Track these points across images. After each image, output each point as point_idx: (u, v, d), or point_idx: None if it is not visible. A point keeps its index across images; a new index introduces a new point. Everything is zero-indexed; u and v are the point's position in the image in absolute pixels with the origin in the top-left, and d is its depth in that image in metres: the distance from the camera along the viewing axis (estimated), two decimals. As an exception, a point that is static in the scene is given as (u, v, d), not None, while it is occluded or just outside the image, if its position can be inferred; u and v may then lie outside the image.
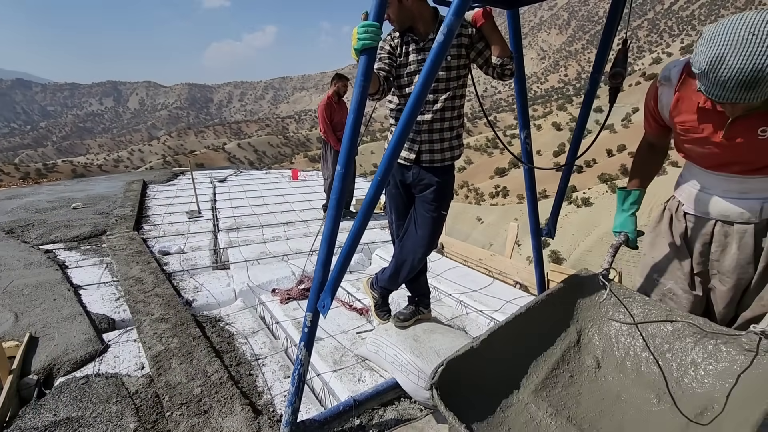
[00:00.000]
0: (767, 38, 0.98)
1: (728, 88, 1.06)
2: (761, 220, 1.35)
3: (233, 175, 9.57)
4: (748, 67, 1.00)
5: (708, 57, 1.05)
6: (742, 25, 1.01)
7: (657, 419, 1.18)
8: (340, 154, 1.58)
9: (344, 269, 1.55)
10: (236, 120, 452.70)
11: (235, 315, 3.03)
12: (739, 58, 1.01)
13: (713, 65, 1.05)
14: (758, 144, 1.22)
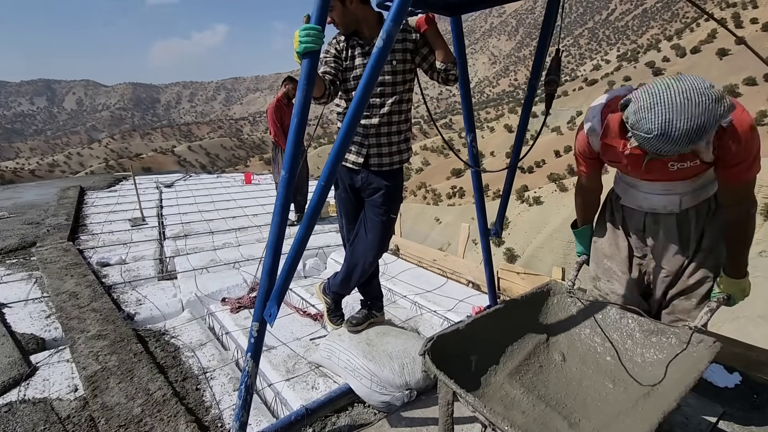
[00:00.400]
0: (698, 101, 1.18)
1: (680, 144, 1.23)
2: (681, 210, 1.62)
3: (182, 180, 9.15)
4: (693, 126, 1.19)
5: (658, 124, 1.21)
6: (675, 94, 1.20)
7: (612, 398, 1.40)
8: (285, 159, 1.55)
9: (290, 277, 1.52)
10: (186, 122, 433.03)
11: (182, 327, 2.88)
12: (684, 120, 1.18)
13: (665, 129, 1.21)
14: (670, 173, 1.52)
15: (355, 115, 1.35)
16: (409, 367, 2.04)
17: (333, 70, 1.88)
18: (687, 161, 1.45)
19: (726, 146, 1.34)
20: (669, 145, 1.24)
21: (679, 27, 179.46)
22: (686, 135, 1.19)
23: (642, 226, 1.72)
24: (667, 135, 1.21)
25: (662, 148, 1.26)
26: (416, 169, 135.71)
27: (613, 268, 1.82)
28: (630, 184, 1.71)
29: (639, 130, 1.26)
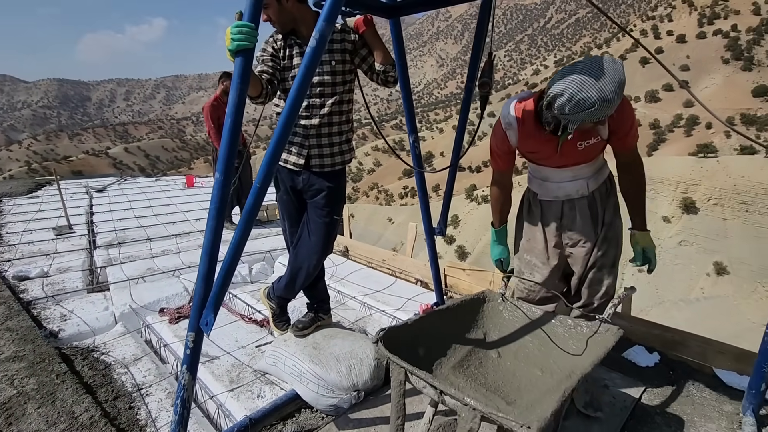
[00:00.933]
0: (612, 68, 1.41)
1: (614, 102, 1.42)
2: (590, 192, 1.89)
3: (116, 184, 8.53)
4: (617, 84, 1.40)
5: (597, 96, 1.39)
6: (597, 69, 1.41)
7: (541, 383, 1.59)
8: (219, 160, 1.48)
9: (227, 283, 1.46)
10: (122, 121, 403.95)
11: (114, 342, 2.68)
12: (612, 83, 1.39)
13: (604, 96, 1.39)
14: (579, 152, 1.75)
15: (290, 115, 1.32)
16: (356, 368, 2.04)
17: (270, 69, 1.83)
18: (591, 138, 1.69)
19: (618, 119, 1.62)
20: (608, 107, 1.43)
21: (608, 36, 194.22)
22: (617, 92, 1.40)
23: (560, 214, 1.94)
24: (605, 100, 1.40)
25: (602, 113, 1.44)
26: (368, 169, 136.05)
27: (533, 261, 2.02)
28: (543, 178, 1.93)
29: (580, 108, 1.43)
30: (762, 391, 1.77)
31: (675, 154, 69.89)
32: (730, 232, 48.21)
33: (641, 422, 1.89)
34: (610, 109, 1.44)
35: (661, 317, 32.77)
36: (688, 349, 2.32)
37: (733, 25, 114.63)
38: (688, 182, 53.06)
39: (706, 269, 46.07)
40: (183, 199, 7.11)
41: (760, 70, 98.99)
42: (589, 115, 1.44)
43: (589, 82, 1.39)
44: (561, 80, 1.45)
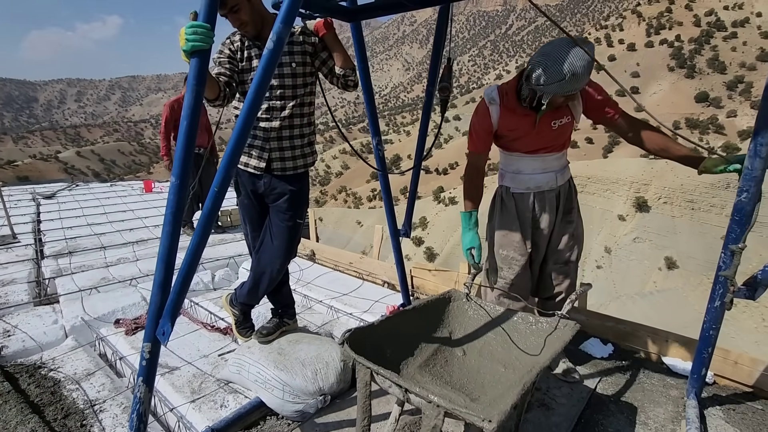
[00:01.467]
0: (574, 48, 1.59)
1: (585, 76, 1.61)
2: (557, 186, 2.03)
3: (66, 190, 8.06)
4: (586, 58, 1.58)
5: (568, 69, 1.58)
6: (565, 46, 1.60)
7: (504, 378, 1.64)
8: (174, 164, 1.44)
9: (184, 291, 1.42)
10: (74, 124, 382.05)
11: (64, 357, 2.53)
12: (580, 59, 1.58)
13: (574, 69, 1.58)
14: (553, 132, 1.89)
15: (249, 118, 1.30)
16: (322, 372, 2.02)
17: (228, 71, 1.80)
18: (563, 117, 1.86)
19: (589, 93, 1.84)
20: (576, 81, 1.60)
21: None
22: (586, 68, 1.58)
23: (532, 207, 2.05)
24: (574, 73, 1.58)
25: (571, 86, 1.62)
26: (336, 172, 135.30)
27: (511, 254, 2.10)
28: (516, 171, 2.05)
29: (553, 80, 1.61)
30: (703, 375, 1.90)
31: (628, 155, 73.76)
32: (678, 228, 51.42)
33: (597, 411, 1.98)
34: (579, 83, 1.61)
35: (618, 311, 34.45)
36: (639, 339, 2.46)
37: (677, 36, 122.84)
38: (641, 182, 56.20)
39: (658, 264, 48.87)
40: (141, 205, 6.81)
41: (701, 78, 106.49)
42: (561, 86, 1.61)
43: (562, 57, 1.57)
44: (539, 56, 1.64)
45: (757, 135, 1.43)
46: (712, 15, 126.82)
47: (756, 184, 1.48)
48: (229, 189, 1.78)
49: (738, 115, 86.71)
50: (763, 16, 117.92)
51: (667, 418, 1.94)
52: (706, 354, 1.83)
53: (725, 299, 1.66)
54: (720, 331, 1.83)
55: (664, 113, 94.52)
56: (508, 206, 2.10)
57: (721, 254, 1.66)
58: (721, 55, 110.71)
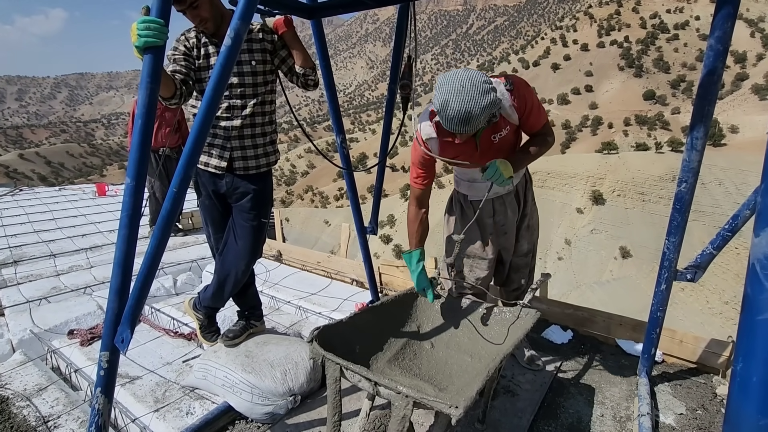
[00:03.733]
0: (469, 90, 1.44)
1: (453, 123, 1.49)
2: (515, 186, 2.04)
3: (8, 195, 7.51)
4: (463, 109, 1.45)
5: (439, 100, 1.48)
6: (456, 79, 1.46)
7: (471, 368, 1.70)
8: (129, 164, 1.39)
9: (143, 296, 1.37)
10: (15, 124, 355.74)
11: (12, 373, 2.37)
12: (457, 103, 1.45)
13: (443, 106, 1.48)
14: (495, 145, 1.81)
15: (207, 117, 1.27)
16: (292, 372, 2.01)
17: (184, 68, 1.74)
18: (501, 129, 1.76)
19: (518, 102, 1.71)
20: (447, 121, 1.50)
21: (523, 43, 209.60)
22: (458, 115, 1.46)
23: (492, 212, 2.05)
24: (444, 112, 1.48)
25: (445, 122, 1.51)
26: (302, 172, 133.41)
27: (476, 262, 2.11)
28: (471, 179, 2.01)
29: (455, 125, 1.51)
30: (652, 354, 2.04)
31: (584, 151, 77.30)
32: (631, 219, 54.48)
33: (558, 394, 2.08)
34: (481, 120, 1.49)
35: (578, 299, 36.13)
36: (596, 325, 2.60)
37: (625, 37, 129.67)
38: (596, 176, 59.05)
39: (613, 254, 51.57)
40: (94, 210, 6.45)
41: (648, 77, 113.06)
42: (466, 128, 1.50)
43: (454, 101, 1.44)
44: (436, 99, 1.50)
45: (693, 130, 1.55)
46: (656, 18, 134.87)
47: (693, 175, 1.60)
48: (190, 190, 1.73)
49: (681, 111, 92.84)
50: (701, 20, 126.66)
51: (621, 396, 2.06)
52: (654, 334, 1.97)
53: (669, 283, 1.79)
54: (668, 313, 1.97)
55: (615, 110, 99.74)
56: (468, 214, 2.07)
57: (664, 241, 1.78)
58: (665, 56, 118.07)
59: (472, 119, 1.46)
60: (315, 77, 1.90)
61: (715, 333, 2.35)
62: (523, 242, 2.15)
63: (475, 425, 1.81)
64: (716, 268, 39.13)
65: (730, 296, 39.30)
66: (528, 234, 2.15)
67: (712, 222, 46.40)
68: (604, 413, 1.95)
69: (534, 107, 1.75)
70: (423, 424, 1.87)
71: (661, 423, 1.88)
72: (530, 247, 2.19)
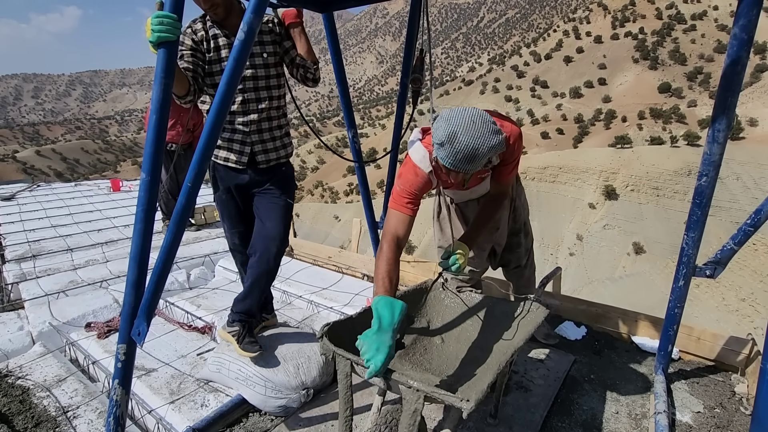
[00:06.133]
0: (481, 126, 1.35)
1: (458, 158, 1.37)
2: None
3: (26, 190, 7.67)
4: (471, 144, 1.34)
5: (446, 132, 1.36)
6: (467, 114, 1.37)
7: (481, 362, 1.68)
8: (144, 160, 1.41)
9: (159, 289, 1.39)
10: (31, 121, 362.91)
11: (32, 365, 2.43)
12: (466, 137, 1.34)
13: (451, 138, 1.36)
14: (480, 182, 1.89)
15: (220, 111, 1.28)
16: (304, 366, 2.02)
17: (192, 65, 1.74)
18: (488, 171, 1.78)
19: (506, 153, 1.64)
20: (451, 156, 1.37)
21: (535, 36, 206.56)
22: (465, 150, 1.34)
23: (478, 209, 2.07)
24: (451, 144, 1.35)
25: (446, 158, 1.38)
26: (312, 167, 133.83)
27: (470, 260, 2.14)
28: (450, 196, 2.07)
29: (434, 138, 1.41)
30: (669, 351, 2.01)
31: (597, 145, 76.10)
32: (645, 214, 53.58)
33: (572, 390, 2.06)
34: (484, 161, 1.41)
35: (590, 295, 35.69)
36: (610, 321, 2.56)
37: (640, 28, 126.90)
38: (609, 171, 58.14)
39: (626, 249, 50.84)
40: (108, 205, 6.56)
41: (663, 69, 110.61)
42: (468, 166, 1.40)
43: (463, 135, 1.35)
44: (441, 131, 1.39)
45: (715, 122, 1.51)
46: (672, 8, 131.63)
47: (714, 168, 1.56)
48: (204, 185, 1.74)
49: (698, 105, 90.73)
50: (719, 9, 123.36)
51: (637, 393, 2.03)
52: (671, 331, 1.93)
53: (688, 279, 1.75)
54: (684, 310, 1.93)
55: (630, 103, 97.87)
56: (455, 214, 2.14)
57: (683, 237, 1.74)
58: (682, 47, 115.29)
59: (478, 158, 1.37)
60: (316, 73, 1.91)
61: (731, 330, 2.31)
62: (515, 238, 2.19)
63: (488, 420, 1.81)
64: (733, 265, 38.32)
65: (747, 293, 38.50)
66: (514, 214, 2.17)
67: (729, 217, 45.45)
68: (619, 410, 1.92)
69: (514, 164, 1.74)
70: (434, 418, 1.87)
71: (678, 421, 1.85)
72: (518, 226, 2.20)
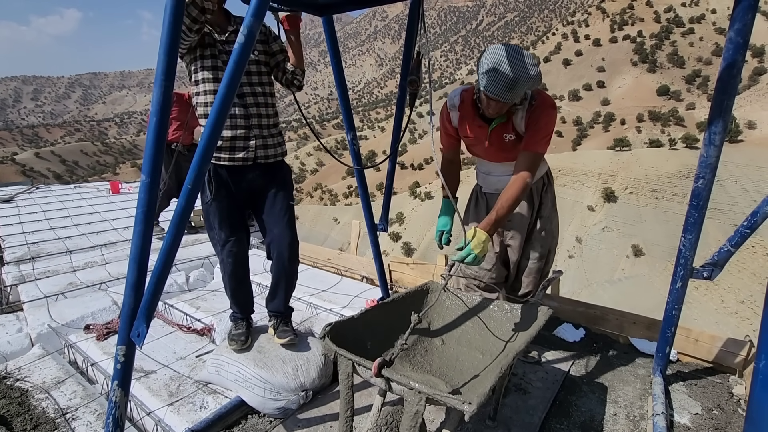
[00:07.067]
0: (524, 57, 1.56)
1: (499, 86, 1.56)
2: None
3: (25, 193, 7.66)
4: (514, 71, 1.53)
5: (492, 61, 1.56)
6: (511, 48, 1.57)
7: (482, 364, 1.68)
8: (144, 161, 1.41)
9: (158, 291, 1.39)
10: (31, 123, 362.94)
11: (31, 366, 2.43)
12: (508, 64, 1.54)
13: (496, 66, 1.55)
14: (506, 144, 1.89)
15: (221, 113, 1.28)
16: (303, 368, 2.02)
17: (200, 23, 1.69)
18: (511, 132, 1.84)
19: (531, 118, 1.77)
20: (494, 83, 1.57)
21: (534, 39, 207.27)
22: (506, 78, 1.54)
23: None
24: (495, 72, 1.55)
25: (489, 85, 1.58)
26: (311, 170, 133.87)
27: None
28: (486, 172, 2.08)
29: (479, 68, 1.60)
30: (667, 353, 2.02)
31: (596, 147, 76.27)
32: (644, 217, 53.67)
33: (570, 392, 2.07)
34: (522, 91, 1.59)
35: (590, 298, 35.68)
36: (608, 323, 2.57)
37: (638, 31, 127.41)
38: (608, 173, 58.27)
39: (625, 252, 50.90)
40: (108, 207, 6.55)
41: (662, 72, 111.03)
42: (508, 95, 1.58)
43: (496, 55, 1.55)
44: (486, 62, 1.59)
45: (711, 125, 1.52)
46: (670, 11, 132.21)
47: (711, 171, 1.57)
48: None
49: (696, 107, 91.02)
50: (717, 13, 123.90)
51: (635, 395, 2.04)
52: (669, 333, 1.94)
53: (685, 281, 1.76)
54: (683, 312, 1.94)
55: (628, 106, 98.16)
56: (480, 204, 2.17)
57: (680, 239, 1.75)
58: (680, 50, 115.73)
59: (518, 86, 1.55)
60: (302, 80, 2.00)
61: (730, 333, 2.32)
62: (536, 245, 2.10)
63: (487, 422, 1.81)
64: (732, 267, 38.41)
65: (746, 295, 38.53)
66: (542, 238, 2.10)
67: (727, 220, 45.54)
68: (618, 412, 1.93)
69: (539, 130, 1.76)
70: (434, 420, 1.88)
71: (675, 423, 1.85)
72: (543, 252, 2.12)
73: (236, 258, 2.04)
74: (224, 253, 2.04)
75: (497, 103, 1.68)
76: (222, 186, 1.95)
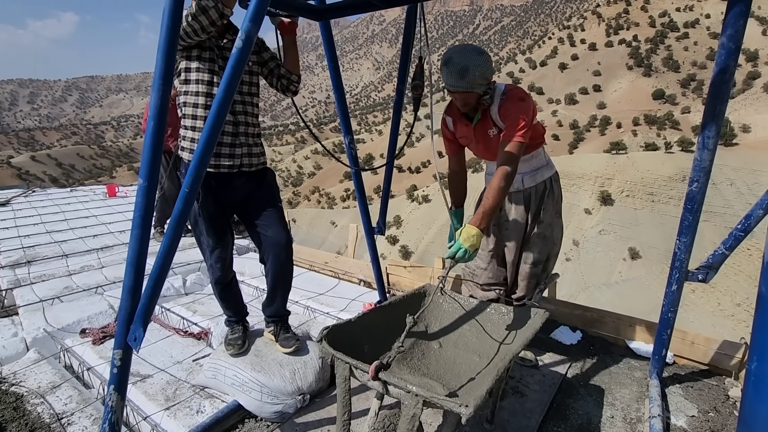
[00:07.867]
0: (471, 50, 1.77)
1: (453, 76, 1.77)
2: (525, 188, 2.09)
3: (21, 196, 7.63)
4: (461, 63, 1.75)
5: (444, 58, 1.79)
6: (459, 45, 1.79)
7: (479, 367, 1.70)
8: (142, 165, 1.42)
9: (156, 295, 1.39)
10: (27, 127, 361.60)
11: (26, 371, 2.41)
12: (458, 57, 1.76)
13: (446, 61, 1.78)
14: (492, 139, 1.95)
15: (218, 118, 1.29)
16: (300, 371, 2.02)
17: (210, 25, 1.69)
18: (492, 127, 1.94)
19: (503, 110, 1.87)
20: (448, 75, 1.78)
21: (530, 43, 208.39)
22: (456, 68, 1.75)
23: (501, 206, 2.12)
24: (446, 65, 1.78)
25: (446, 78, 1.79)
26: (309, 173, 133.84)
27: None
28: (490, 173, 2.14)
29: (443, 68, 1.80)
30: (663, 355, 2.03)
31: (592, 151, 76.62)
32: (640, 220, 53.89)
33: (567, 395, 2.07)
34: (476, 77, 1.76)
35: (587, 301, 35.78)
36: (605, 326, 2.58)
37: (634, 36, 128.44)
38: (604, 177, 58.53)
39: (622, 255, 51.03)
40: (104, 211, 6.53)
41: (657, 76, 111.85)
42: (462, 82, 1.77)
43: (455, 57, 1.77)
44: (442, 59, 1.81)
45: (704, 129, 1.54)
46: (665, 16, 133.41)
47: (705, 174, 1.59)
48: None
49: (691, 111, 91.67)
50: (711, 18, 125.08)
51: (632, 398, 2.05)
52: (665, 335, 1.95)
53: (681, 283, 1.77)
54: (679, 315, 1.95)
55: (624, 110, 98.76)
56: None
57: (676, 242, 1.77)
58: (675, 55, 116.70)
59: (469, 73, 1.74)
60: (297, 85, 2.00)
61: (726, 335, 2.33)
62: (533, 249, 2.11)
63: (484, 425, 1.81)
64: (728, 270, 38.59)
65: (743, 298, 38.70)
66: (541, 243, 2.11)
67: (723, 223, 45.75)
68: (615, 415, 1.93)
69: (512, 120, 1.80)
70: (431, 423, 1.87)
71: (672, 425, 1.86)
72: (540, 258, 2.12)
73: (224, 263, 2.06)
74: (213, 258, 2.04)
75: (460, 94, 1.84)
76: (209, 193, 1.92)
